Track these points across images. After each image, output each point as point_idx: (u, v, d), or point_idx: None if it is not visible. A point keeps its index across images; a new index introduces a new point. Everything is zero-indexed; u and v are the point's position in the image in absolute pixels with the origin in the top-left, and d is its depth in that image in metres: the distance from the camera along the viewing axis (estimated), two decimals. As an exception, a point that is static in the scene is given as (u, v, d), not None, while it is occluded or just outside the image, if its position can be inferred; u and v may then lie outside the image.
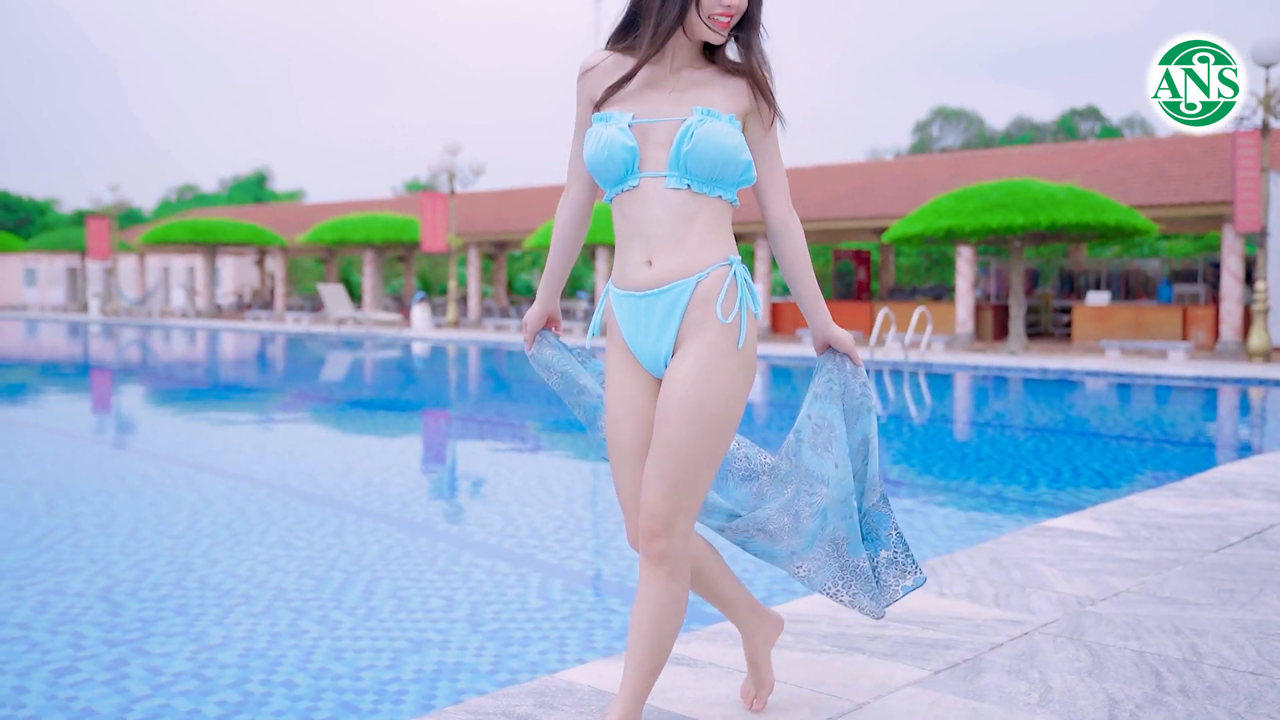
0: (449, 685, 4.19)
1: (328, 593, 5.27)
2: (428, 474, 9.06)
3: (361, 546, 6.13)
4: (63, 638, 4.59)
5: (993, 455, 9.99)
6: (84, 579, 5.40)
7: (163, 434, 11.14)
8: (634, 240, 2.59)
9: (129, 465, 8.69)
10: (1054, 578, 4.47)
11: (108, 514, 6.79)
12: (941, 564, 4.63)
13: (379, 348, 25.79)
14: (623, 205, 2.61)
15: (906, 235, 21.95)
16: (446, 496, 7.78)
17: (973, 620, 3.87)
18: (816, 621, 3.81)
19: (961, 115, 73.34)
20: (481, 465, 9.50)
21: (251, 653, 4.47)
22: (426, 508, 7.24)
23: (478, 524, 6.81)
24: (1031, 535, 5.22)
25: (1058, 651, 3.57)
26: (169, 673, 4.24)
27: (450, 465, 9.51)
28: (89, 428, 12.05)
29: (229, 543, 6.13)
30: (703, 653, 3.50)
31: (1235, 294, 21.46)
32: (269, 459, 9.16)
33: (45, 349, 26.96)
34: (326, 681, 4.20)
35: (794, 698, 3.08)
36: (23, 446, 9.98)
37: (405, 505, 7.34)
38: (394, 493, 7.93)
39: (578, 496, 8.04)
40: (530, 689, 3.27)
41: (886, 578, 2.83)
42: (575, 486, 8.48)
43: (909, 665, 3.39)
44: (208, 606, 5.02)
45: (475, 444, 11.00)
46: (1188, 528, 5.45)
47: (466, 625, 4.86)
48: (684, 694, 3.12)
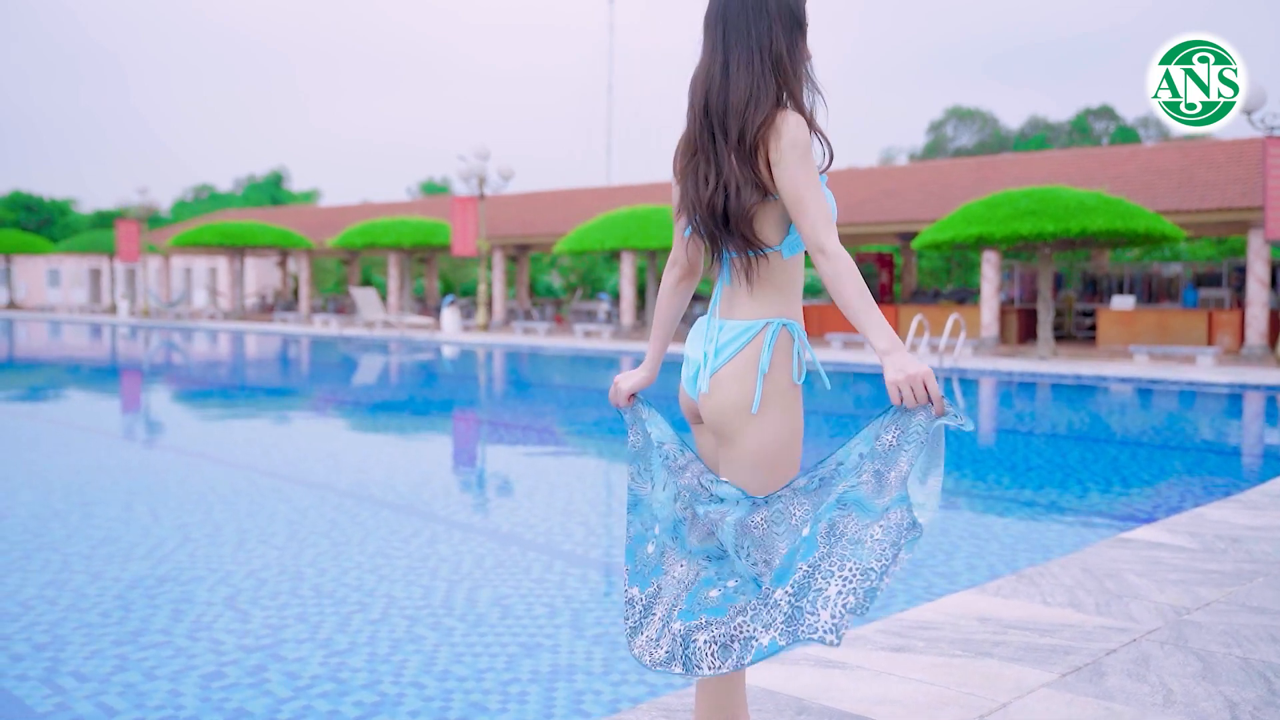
0: (566, 686, 4.44)
1: (436, 600, 5.53)
2: (504, 483, 9.27)
3: (457, 556, 6.39)
4: (202, 643, 4.85)
5: (1043, 464, 10.23)
6: (207, 588, 5.67)
7: (237, 442, 11.41)
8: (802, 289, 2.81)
9: (218, 475, 8.95)
10: (1146, 588, 4.72)
11: (211, 525, 7.07)
12: (1038, 573, 4.89)
13: (416, 351, 26.10)
14: (802, 256, 2.81)
15: (936, 242, 22.17)
16: (526, 506, 7.97)
17: (1082, 627, 4.12)
18: (941, 628, 4.08)
19: (976, 115, 73.50)
20: (556, 473, 9.73)
21: (377, 657, 4.73)
22: (510, 518, 7.49)
23: (563, 533, 7.06)
24: (1114, 547, 5.47)
25: (1168, 657, 3.82)
26: (306, 676, 4.50)
27: (523, 474, 9.73)
28: (168, 437, 12.35)
29: (331, 553, 6.40)
30: (848, 657, 3.76)
31: (1261, 298, 21.64)
32: (347, 468, 9.41)
33: (95, 353, 27.27)
34: (452, 683, 4.46)
35: (942, 697, 3.35)
36: (113, 456, 10.29)
37: (488, 515, 7.61)
38: (475, 502, 8.21)
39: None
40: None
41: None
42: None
43: (1037, 669, 3.65)
44: (327, 614, 5.28)
45: (545, 452, 11.26)
46: (1260, 540, 5.69)
47: (571, 630, 5.11)
48: (845, 694, 3.39)
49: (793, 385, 2.62)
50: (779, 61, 2.64)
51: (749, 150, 2.60)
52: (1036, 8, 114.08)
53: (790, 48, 2.67)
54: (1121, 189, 24.71)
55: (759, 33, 2.64)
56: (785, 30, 2.66)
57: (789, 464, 2.62)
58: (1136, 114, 67.69)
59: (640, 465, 2.82)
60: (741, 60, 2.63)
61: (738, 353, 2.61)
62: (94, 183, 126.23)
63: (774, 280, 2.65)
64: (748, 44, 2.64)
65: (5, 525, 7.06)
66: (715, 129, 2.64)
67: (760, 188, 2.59)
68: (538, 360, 23.84)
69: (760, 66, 2.62)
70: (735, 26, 2.65)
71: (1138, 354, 20.55)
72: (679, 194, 2.73)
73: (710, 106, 2.65)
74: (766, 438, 2.58)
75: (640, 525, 2.80)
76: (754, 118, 2.59)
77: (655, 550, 2.78)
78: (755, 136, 2.59)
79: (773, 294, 2.64)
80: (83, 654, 4.71)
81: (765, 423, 2.58)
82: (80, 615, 5.22)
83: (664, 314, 2.86)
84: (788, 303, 2.66)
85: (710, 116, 2.65)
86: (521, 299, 38.96)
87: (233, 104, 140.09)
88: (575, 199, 38.98)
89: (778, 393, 2.60)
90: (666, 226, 27.55)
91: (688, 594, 2.69)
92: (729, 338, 2.63)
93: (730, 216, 2.60)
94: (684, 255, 2.79)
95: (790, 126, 2.57)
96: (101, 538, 6.70)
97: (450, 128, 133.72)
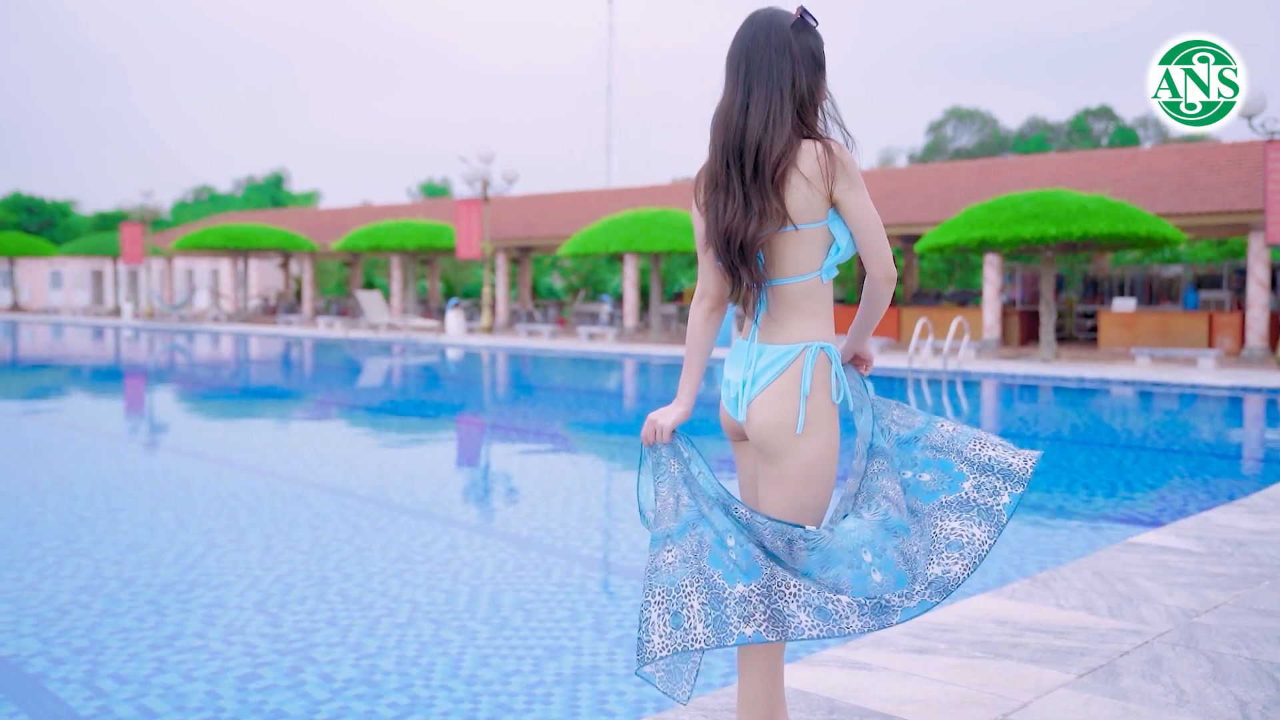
0: (590, 687, 4.58)
1: (460, 604, 5.66)
2: (522, 488, 9.36)
3: (478, 561, 6.52)
4: (236, 647, 4.99)
5: (1050, 468, 10.35)
6: (237, 593, 5.80)
7: (256, 447, 11.54)
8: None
9: (239, 481, 9.07)
10: (1156, 591, 4.86)
11: (236, 530, 7.20)
12: (1051, 577, 5.04)
13: (422, 355, 26.24)
14: (830, 285, 2.92)
15: (939, 245, 22.31)
16: (544, 510, 8.06)
17: (1096, 630, 4.27)
18: (960, 630, 4.22)
19: (975, 116, 73.66)
20: (571, 478, 9.85)
21: (406, 660, 4.87)
22: (529, 523, 7.61)
23: (581, 538, 7.20)
24: (1124, 551, 5.62)
25: (1180, 659, 3.96)
26: (340, 679, 4.64)
27: (539, 478, 9.83)
28: (188, 442, 12.48)
29: (355, 558, 6.53)
30: (873, 658, 3.91)
31: (1261, 301, 21.79)
32: (366, 473, 9.54)
33: (106, 357, 27.37)
34: (479, 686, 4.60)
35: (966, 697, 3.50)
36: (135, 462, 10.42)
37: (507, 520, 7.74)
38: (494, 507, 8.35)
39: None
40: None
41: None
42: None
43: (1054, 670, 3.81)
44: (355, 618, 5.41)
45: (563, 457, 11.39)
46: (1265, 544, 5.83)
47: (593, 633, 5.25)
48: (873, 694, 3.55)
49: (831, 405, 2.76)
50: (801, 101, 2.78)
51: (768, 182, 2.72)
52: (1036, 8, 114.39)
53: (812, 87, 2.81)
54: (1123, 192, 24.86)
55: (780, 73, 2.76)
56: (807, 71, 2.80)
57: (828, 478, 2.77)
58: (1136, 114, 67.88)
59: (688, 489, 2.82)
60: (762, 98, 2.75)
61: (778, 376, 2.74)
62: (95, 184, 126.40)
63: (810, 305, 2.78)
64: (769, 83, 2.76)
65: (37, 531, 7.20)
66: (733, 163, 2.77)
67: (779, 218, 2.72)
68: (544, 363, 23.99)
69: (780, 104, 2.75)
70: (757, 67, 2.78)
71: (1139, 356, 20.69)
72: (704, 226, 2.84)
73: (729, 142, 2.78)
74: (809, 456, 2.73)
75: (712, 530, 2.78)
76: (772, 150, 2.72)
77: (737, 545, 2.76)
78: (775, 168, 2.71)
79: (809, 318, 2.77)
80: (121, 657, 4.85)
81: (809, 442, 2.72)
82: (116, 620, 5.35)
83: (697, 346, 2.92)
84: (823, 326, 2.79)
85: (729, 151, 2.78)
86: (524, 301, 39.10)
87: (233, 104, 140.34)
88: (578, 201, 39.12)
89: (819, 413, 2.74)
90: (669, 229, 27.69)
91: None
92: (769, 361, 2.76)
93: (745, 248, 2.73)
94: (714, 286, 2.88)
95: (832, 154, 2.70)
96: (130, 544, 6.84)
97: (450, 128, 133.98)
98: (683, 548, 2.75)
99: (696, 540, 2.75)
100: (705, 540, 2.75)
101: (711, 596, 2.70)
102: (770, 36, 2.79)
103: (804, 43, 2.80)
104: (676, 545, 2.76)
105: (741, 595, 2.69)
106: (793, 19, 2.80)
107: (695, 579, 2.72)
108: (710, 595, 2.70)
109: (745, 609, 2.69)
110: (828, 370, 2.76)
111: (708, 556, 2.74)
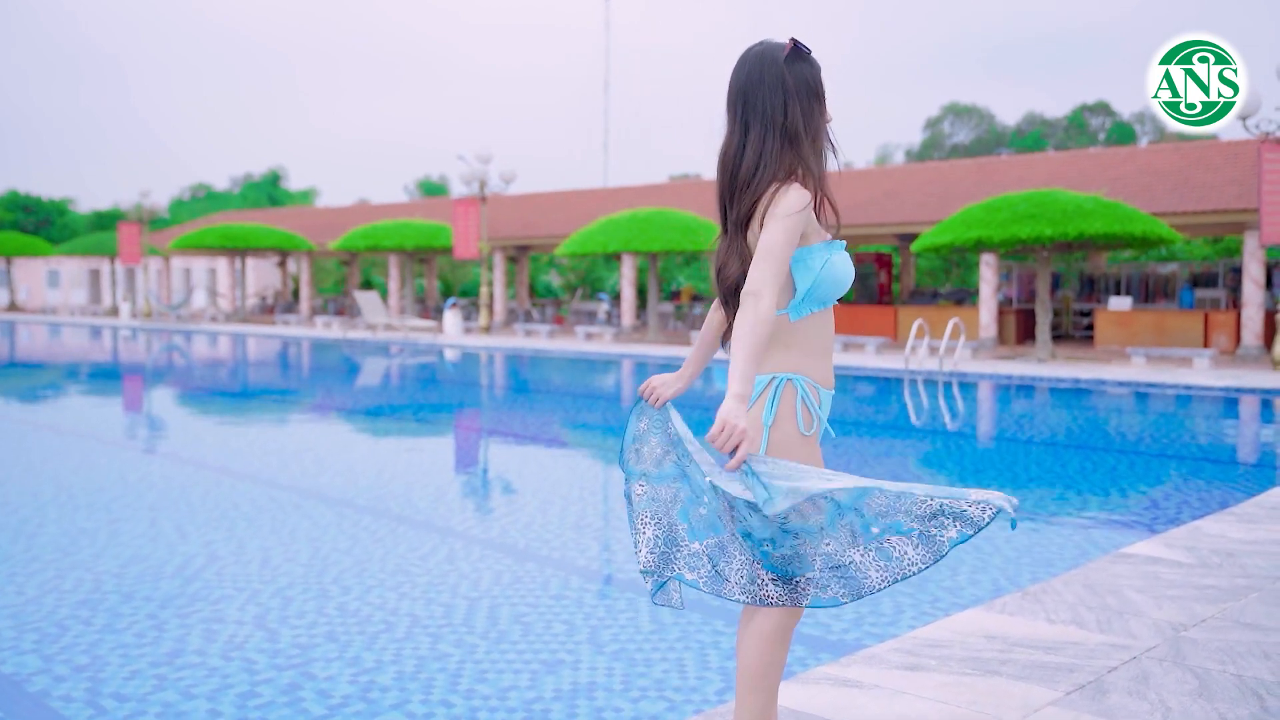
0: (587, 702, 4.63)
1: (457, 618, 5.71)
2: (520, 496, 9.39)
3: (476, 573, 6.57)
4: (235, 663, 5.03)
5: (1043, 473, 10.42)
6: (236, 606, 5.85)
7: (255, 455, 11.57)
8: (829, 349, 2.99)
9: (239, 490, 9.09)
10: (1145, 604, 4.92)
11: (235, 541, 7.25)
12: (1042, 590, 5.10)
13: (421, 355, 26.28)
14: (823, 319, 2.96)
15: (936, 245, 22.36)
16: (542, 521, 8.09)
17: (1085, 645, 4.33)
18: (950, 646, 4.29)
19: (973, 112, 73.71)
20: (571, 486, 9.87)
21: (404, 675, 4.92)
22: (526, 534, 7.65)
23: (578, 550, 7.25)
24: (1114, 562, 5.68)
25: (1166, 675, 4.02)
26: (338, 695, 4.69)
27: (540, 487, 9.85)
28: (188, 450, 12.52)
29: (355, 570, 6.58)
30: (864, 675, 3.97)
31: (1257, 299, 21.86)
32: (364, 482, 9.57)
33: (104, 358, 27.38)
34: (478, 701, 4.64)
35: (956, 715, 3.59)
36: (134, 470, 10.47)
37: (505, 531, 7.78)
38: (492, 518, 8.40)
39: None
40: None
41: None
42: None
43: (1042, 687, 3.87)
44: (353, 634, 5.46)
45: (560, 463, 11.44)
46: (1254, 554, 5.89)
47: (590, 647, 5.30)
48: (865, 712, 3.62)
49: (800, 435, 2.82)
50: (795, 135, 2.83)
51: (741, 224, 2.84)
52: (1034, 4, 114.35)
53: (806, 118, 2.85)
54: (1119, 190, 24.92)
55: (773, 108, 2.82)
56: (801, 102, 2.84)
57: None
58: (1132, 110, 67.98)
59: (675, 450, 3.00)
60: (757, 137, 2.82)
61: (752, 404, 2.83)
62: (92, 182, 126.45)
63: (782, 339, 2.86)
64: (764, 122, 2.82)
65: (36, 544, 7.25)
66: (727, 205, 2.89)
67: (745, 260, 2.83)
68: (542, 364, 24.04)
69: (774, 143, 2.81)
70: (753, 105, 2.84)
71: (1135, 356, 20.76)
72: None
73: (723, 186, 2.89)
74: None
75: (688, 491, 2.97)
76: (753, 193, 2.81)
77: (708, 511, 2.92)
78: (747, 211, 2.82)
79: (782, 351, 2.85)
80: (122, 674, 4.89)
81: None
82: (116, 636, 5.40)
83: (706, 336, 3.18)
84: (799, 359, 2.86)
85: (723, 194, 2.90)
86: (521, 300, 39.14)
87: (232, 104, 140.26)
88: (575, 200, 39.17)
89: (785, 443, 2.80)
90: (666, 228, 27.75)
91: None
92: (754, 390, 2.85)
93: (727, 285, 2.89)
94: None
95: (784, 198, 2.75)
96: (130, 556, 6.88)
97: (449, 127, 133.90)
98: (656, 491, 3.00)
99: (671, 494, 2.98)
100: (680, 496, 2.97)
101: (668, 538, 2.96)
102: (764, 72, 2.84)
103: (799, 73, 2.84)
104: (650, 486, 3.00)
105: (696, 551, 2.92)
106: (785, 51, 2.84)
107: (658, 518, 2.98)
108: (668, 537, 2.97)
109: (694, 561, 2.92)
110: (793, 401, 2.83)
111: (678, 511, 2.97)
